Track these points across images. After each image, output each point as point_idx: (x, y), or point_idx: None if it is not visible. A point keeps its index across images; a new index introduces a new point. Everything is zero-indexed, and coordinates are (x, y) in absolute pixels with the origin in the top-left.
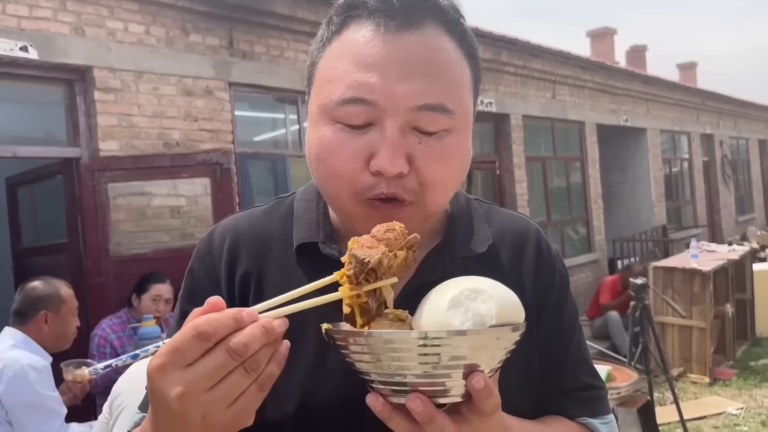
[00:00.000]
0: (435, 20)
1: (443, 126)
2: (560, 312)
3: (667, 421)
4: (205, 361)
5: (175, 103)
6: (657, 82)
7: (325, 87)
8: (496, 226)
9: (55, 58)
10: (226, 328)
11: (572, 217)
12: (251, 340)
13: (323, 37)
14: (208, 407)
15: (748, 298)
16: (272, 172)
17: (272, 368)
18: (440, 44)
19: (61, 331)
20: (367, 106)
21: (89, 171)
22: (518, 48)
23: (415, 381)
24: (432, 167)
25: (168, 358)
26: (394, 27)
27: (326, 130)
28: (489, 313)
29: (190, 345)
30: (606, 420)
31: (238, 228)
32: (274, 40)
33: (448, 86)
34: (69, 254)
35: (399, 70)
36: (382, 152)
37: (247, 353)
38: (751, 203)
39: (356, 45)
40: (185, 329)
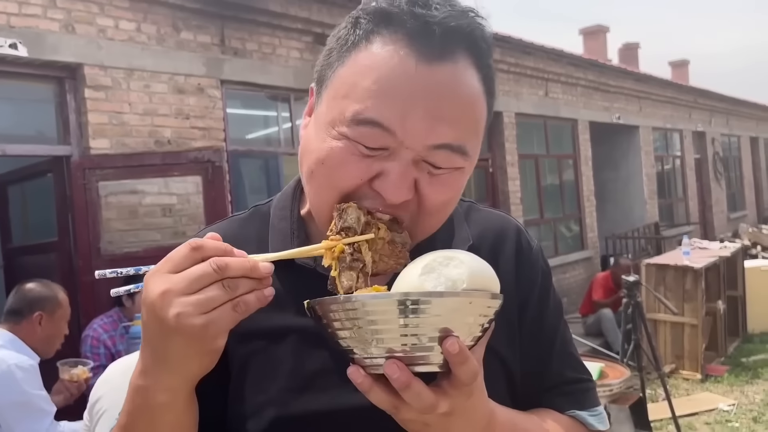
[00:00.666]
0: (468, 52)
1: (456, 165)
2: (544, 309)
3: (659, 417)
4: (191, 269)
5: (166, 101)
6: (649, 79)
7: (342, 100)
8: (476, 226)
9: (44, 55)
10: (216, 250)
11: (565, 215)
12: (234, 263)
13: (347, 39)
14: (183, 307)
15: (740, 294)
16: (264, 170)
17: (251, 298)
18: (469, 81)
19: (52, 335)
20: (384, 133)
21: (80, 169)
22: (511, 45)
23: (392, 347)
24: (434, 196)
25: (162, 265)
26: (428, 56)
27: (338, 143)
28: (460, 277)
29: (183, 254)
30: (595, 412)
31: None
32: (266, 38)
33: (469, 128)
34: (60, 253)
35: (425, 106)
36: (390, 181)
37: (228, 272)
38: (743, 200)
39: (386, 65)
40: (183, 245)
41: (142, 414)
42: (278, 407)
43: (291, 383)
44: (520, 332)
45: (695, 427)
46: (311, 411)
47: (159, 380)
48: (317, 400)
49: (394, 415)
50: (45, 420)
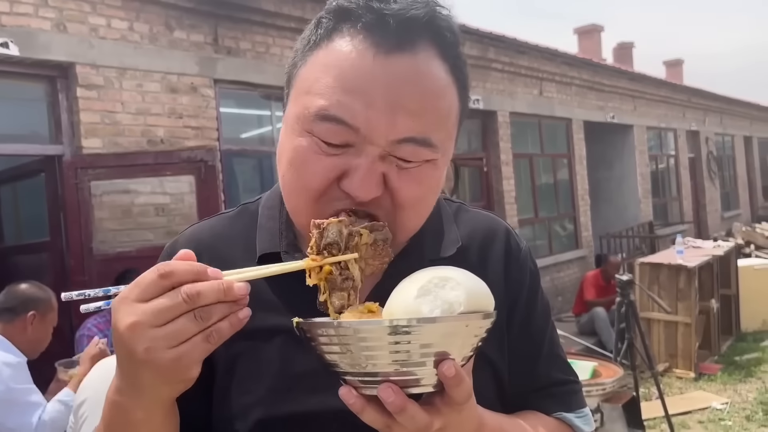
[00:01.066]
0: (430, 42)
1: (424, 158)
2: (532, 310)
3: (652, 416)
4: (160, 300)
5: (159, 100)
6: (644, 79)
7: (304, 97)
8: (465, 227)
9: (36, 54)
10: (187, 275)
11: (559, 214)
12: (206, 290)
13: (310, 39)
14: (152, 341)
15: (733, 293)
16: (258, 170)
17: (224, 326)
18: (432, 71)
19: (40, 338)
20: (346, 128)
21: (72, 168)
22: (505, 45)
23: (386, 371)
24: (406, 189)
25: (130, 292)
26: (386, 48)
27: (302, 141)
28: (458, 300)
29: (151, 282)
30: (581, 413)
31: (201, 239)
32: (260, 37)
33: (435, 119)
34: (52, 253)
35: (386, 99)
36: (355, 178)
37: (200, 301)
38: (737, 199)
39: (344, 60)
40: (151, 269)
41: (120, 427)
42: (265, 408)
43: (278, 384)
44: (508, 334)
45: (688, 426)
46: (298, 412)
47: (133, 400)
48: (304, 401)
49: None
50: (36, 413)
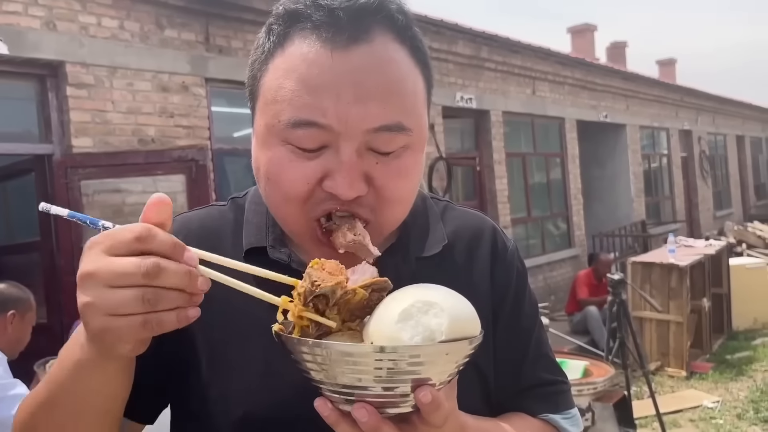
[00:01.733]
0: (384, 28)
1: (400, 144)
2: (519, 310)
3: (643, 414)
4: (123, 261)
5: (150, 99)
6: (637, 78)
7: (271, 107)
8: (452, 225)
9: (25, 52)
10: (162, 246)
11: (552, 213)
12: (171, 271)
13: (264, 48)
14: (94, 298)
15: (725, 292)
16: (250, 169)
17: (169, 318)
18: (392, 56)
19: (19, 337)
20: (319, 130)
21: (62, 168)
22: (498, 44)
23: (363, 393)
24: (391, 185)
25: (103, 238)
26: (342, 42)
27: (276, 151)
28: (439, 328)
29: (124, 238)
30: (568, 414)
31: (190, 229)
32: (251, 35)
33: (404, 103)
34: (42, 252)
35: (352, 91)
36: (338, 177)
37: (158, 280)
38: (729, 198)
39: (303, 62)
40: (132, 226)
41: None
42: (247, 405)
43: (261, 379)
44: (494, 334)
45: (680, 424)
46: (280, 412)
47: (88, 343)
48: (287, 396)
49: None
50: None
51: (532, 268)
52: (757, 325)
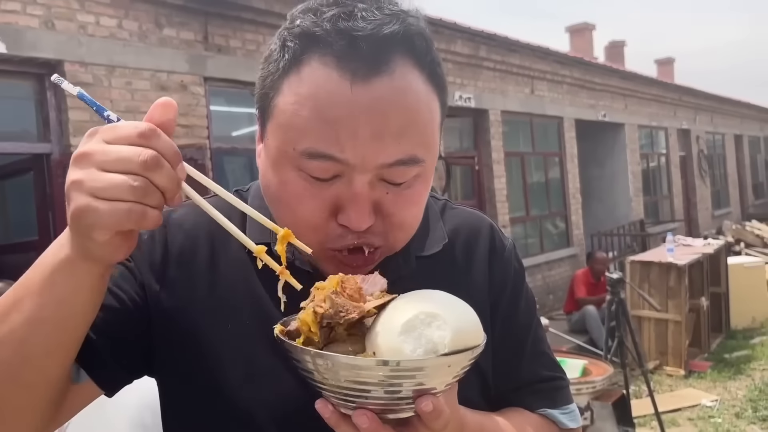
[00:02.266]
0: (404, 54)
1: (412, 174)
2: (516, 307)
3: (642, 413)
4: (119, 146)
5: (148, 98)
6: (635, 77)
7: (286, 132)
8: (450, 223)
9: (24, 52)
10: (162, 147)
11: (551, 212)
12: (164, 172)
13: (278, 64)
14: (84, 176)
15: (723, 291)
16: (248, 168)
17: (153, 214)
18: (411, 86)
19: None
20: (335, 163)
21: (60, 167)
22: (497, 43)
23: (365, 401)
24: (401, 214)
25: (104, 129)
26: (362, 74)
27: (289, 176)
28: (442, 341)
29: (127, 132)
30: (567, 410)
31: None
32: (250, 35)
33: (420, 135)
34: (40, 252)
35: (370, 126)
36: (350, 210)
37: (154, 174)
38: (727, 198)
39: (320, 91)
40: (137, 123)
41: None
42: (232, 392)
43: (258, 372)
44: (492, 331)
45: (678, 423)
46: (266, 398)
47: (70, 235)
48: (272, 386)
49: None
50: None
51: (531, 268)
52: (756, 324)
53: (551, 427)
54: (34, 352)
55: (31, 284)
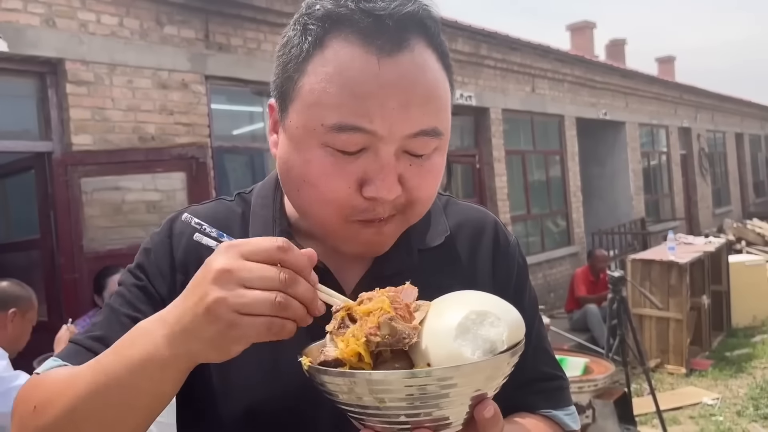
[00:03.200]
0: (420, 34)
1: (433, 147)
2: (520, 303)
3: (643, 411)
4: (262, 266)
5: (150, 97)
6: (636, 75)
7: (312, 109)
8: (454, 218)
9: (25, 50)
10: (296, 260)
11: (552, 211)
12: (301, 286)
13: (301, 48)
14: (227, 293)
15: (724, 289)
16: (250, 167)
17: (291, 325)
18: (428, 63)
19: (20, 335)
20: (363, 135)
21: (62, 165)
22: (498, 41)
23: (416, 418)
24: (422, 186)
25: (241, 245)
26: (388, 50)
27: (315, 153)
28: (500, 338)
29: (265, 247)
30: (569, 411)
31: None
32: (251, 33)
33: (439, 109)
34: (42, 250)
35: (397, 98)
36: (378, 180)
37: (292, 290)
38: (728, 196)
39: (349, 68)
40: (271, 238)
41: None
42: (249, 398)
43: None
44: None
45: (680, 421)
46: (283, 403)
47: (171, 338)
48: (289, 391)
49: None
50: None
51: (532, 266)
52: (757, 323)
53: (555, 429)
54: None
55: (120, 375)
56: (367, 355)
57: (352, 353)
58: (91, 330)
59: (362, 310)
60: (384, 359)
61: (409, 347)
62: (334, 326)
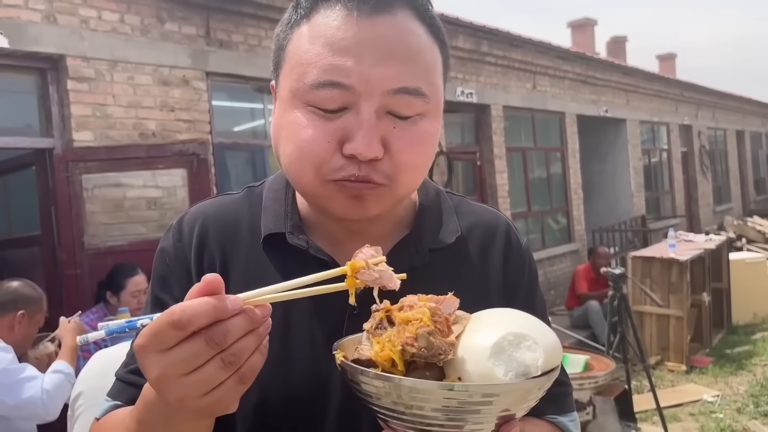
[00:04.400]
0: (405, 6)
1: (418, 110)
2: (529, 306)
3: (644, 408)
4: (182, 349)
5: (151, 93)
6: (637, 73)
7: (296, 69)
8: (466, 219)
9: (26, 46)
10: (204, 317)
11: (552, 208)
12: (233, 329)
13: (291, 20)
14: (183, 391)
15: (725, 287)
16: (251, 163)
17: (255, 359)
18: (412, 29)
19: (26, 337)
20: (342, 90)
21: (63, 162)
22: (499, 38)
23: (443, 430)
24: (407, 151)
25: (147, 341)
26: (367, 11)
27: (298, 113)
28: (535, 363)
29: (167, 332)
30: (572, 417)
31: (207, 215)
32: (252, 29)
33: (423, 70)
34: (43, 246)
35: (374, 54)
36: (358, 136)
37: (227, 343)
38: (729, 193)
39: (329, 28)
40: (164, 315)
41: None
42: (263, 389)
43: (276, 366)
44: None
45: (680, 419)
46: (295, 395)
47: (166, 427)
48: (302, 383)
49: None
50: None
51: None
52: (757, 320)
53: None
54: None
55: None
56: (400, 363)
57: (387, 358)
58: (129, 363)
59: (402, 318)
60: (416, 366)
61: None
62: (372, 326)
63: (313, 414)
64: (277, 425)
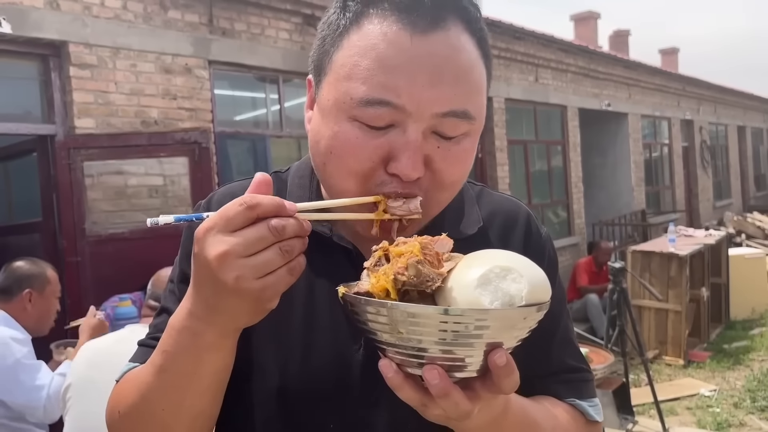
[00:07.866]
0: (458, 18)
1: (463, 131)
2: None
3: (641, 402)
4: (248, 231)
5: (153, 81)
6: (639, 67)
7: (344, 83)
8: (487, 208)
9: (28, 32)
10: (271, 207)
11: (553, 201)
12: (290, 225)
13: (338, 24)
14: (242, 270)
15: (724, 282)
16: (252, 152)
17: (302, 259)
18: (464, 45)
19: (43, 313)
20: (391, 109)
21: (64, 149)
22: (501, 30)
23: (433, 355)
24: (449, 171)
25: (216, 221)
26: (422, 27)
27: (344, 126)
28: (519, 294)
29: (237, 213)
30: (593, 402)
31: (235, 195)
32: (255, 18)
33: (472, 92)
34: (44, 233)
35: (427, 75)
36: (404, 157)
37: (285, 234)
38: (729, 189)
39: (381, 42)
40: (234, 201)
41: (187, 353)
42: (283, 374)
43: (297, 352)
44: None
45: (677, 412)
46: (315, 380)
47: (209, 325)
48: (322, 369)
49: (422, 412)
50: (44, 388)
51: None
52: (755, 315)
53: (579, 417)
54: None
55: (181, 367)
56: (393, 292)
57: (381, 288)
58: (152, 332)
59: (395, 252)
60: (411, 299)
61: (436, 292)
62: (371, 263)
63: (332, 401)
64: (296, 410)
